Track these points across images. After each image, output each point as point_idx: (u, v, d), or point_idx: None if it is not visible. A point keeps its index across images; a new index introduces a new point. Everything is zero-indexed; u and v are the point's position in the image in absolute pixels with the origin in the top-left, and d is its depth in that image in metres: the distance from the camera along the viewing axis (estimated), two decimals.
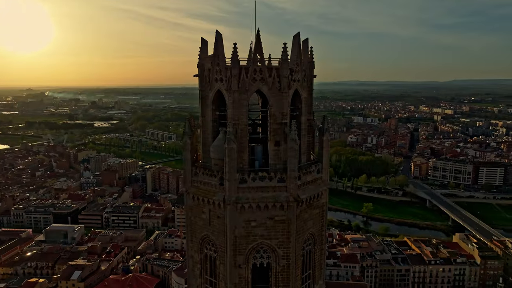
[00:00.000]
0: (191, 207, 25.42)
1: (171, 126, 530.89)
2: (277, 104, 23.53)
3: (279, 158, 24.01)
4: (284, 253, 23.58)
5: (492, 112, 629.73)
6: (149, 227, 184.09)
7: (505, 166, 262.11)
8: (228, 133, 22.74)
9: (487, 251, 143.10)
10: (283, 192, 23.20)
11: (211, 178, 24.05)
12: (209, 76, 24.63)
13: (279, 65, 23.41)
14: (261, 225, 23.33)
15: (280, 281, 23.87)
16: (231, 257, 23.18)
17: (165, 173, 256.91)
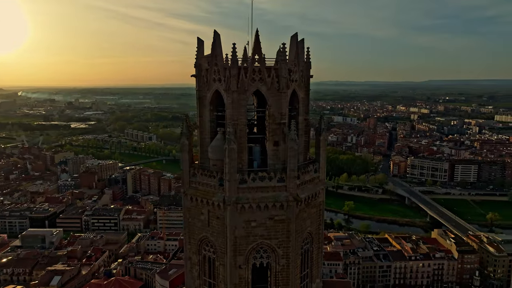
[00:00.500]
0: (189, 208, 25.17)
1: (151, 126, 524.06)
2: (276, 104, 23.61)
3: (278, 158, 24.09)
4: (284, 252, 23.68)
5: (466, 111, 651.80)
6: (130, 230, 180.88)
7: (478, 163, 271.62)
8: (228, 134, 22.65)
9: (464, 245, 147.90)
10: (282, 192, 23.30)
11: (210, 179, 23.89)
12: (207, 76, 24.45)
13: (277, 65, 23.50)
14: (261, 225, 23.35)
15: (280, 281, 23.96)
16: (231, 257, 23.10)
17: (146, 175, 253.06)
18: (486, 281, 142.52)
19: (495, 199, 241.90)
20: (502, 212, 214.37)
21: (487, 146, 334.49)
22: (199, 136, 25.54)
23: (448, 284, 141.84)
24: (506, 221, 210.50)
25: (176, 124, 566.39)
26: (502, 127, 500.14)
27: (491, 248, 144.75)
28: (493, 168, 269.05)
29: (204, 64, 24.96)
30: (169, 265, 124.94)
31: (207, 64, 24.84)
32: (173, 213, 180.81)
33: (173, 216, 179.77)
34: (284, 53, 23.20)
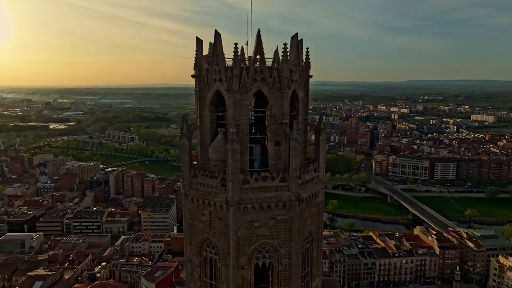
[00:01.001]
0: (189, 209, 24.91)
1: (133, 127, 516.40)
2: (277, 104, 23.66)
3: (279, 158, 24.14)
4: (286, 252, 23.75)
5: (444, 111, 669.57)
6: (114, 232, 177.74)
7: (457, 161, 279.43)
8: (231, 134, 22.54)
9: (445, 241, 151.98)
10: (285, 192, 23.36)
11: (212, 179, 23.72)
12: (207, 76, 24.26)
13: (279, 65, 23.55)
14: (264, 225, 23.35)
15: (282, 280, 24.03)
16: (234, 258, 23.00)
17: (129, 176, 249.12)
18: (466, 276, 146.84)
19: (473, 196, 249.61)
20: (480, 208, 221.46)
21: (464, 144, 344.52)
22: (199, 136, 25.32)
23: (430, 280, 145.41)
24: (483, 217, 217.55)
25: (158, 124, 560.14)
26: (478, 126, 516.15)
27: (470, 244, 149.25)
28: (470, 166, 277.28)
29: (204, 64, 24.77)
30: (154, 267, 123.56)
31: (207, 64, 24.67)
32: (158, 215, 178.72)
33: (158, 218, 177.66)
34: (285, 53, 23.27)
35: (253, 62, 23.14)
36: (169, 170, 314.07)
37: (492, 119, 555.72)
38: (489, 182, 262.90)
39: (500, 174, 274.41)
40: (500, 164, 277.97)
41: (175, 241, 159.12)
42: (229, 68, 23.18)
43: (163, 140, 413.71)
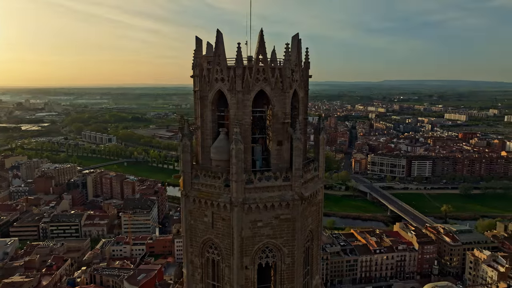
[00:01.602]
0: (190, 210, 24.61)
1: (110, 128, 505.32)
2: (279, 104, 23.72)
3: (281, 158, 24.22)
4: (289, 251, 23.85)
5: (419, 110, 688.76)
6: (93, 236, 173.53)
7: (433, 159, 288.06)
8: (235, 134, 22.41)
9: (423, 237, 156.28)
10: (288, 191, 23.45)
11: (215, 180, 23.52)
12: (209, 76, 24.03)
13: (279, 65, 23.61)
14: (267, 225, 23.35)
15: (285, 279, 24.11)
16: (238, 259, 22.90)
17: (108, 178, 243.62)
18: (443, 270, 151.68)
19: (448, 192, 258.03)
20: (454, 204, 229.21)
21: (439, 142, 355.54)
22: (200, 136, 25.05)
23: (410, 275, 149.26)
24: (458, 212, 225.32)
25: (137, 125, 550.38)
26: (452, 124, 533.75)
27: (447, 239, 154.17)
28: (445, 163, 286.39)
29: (204, 63, 24.54)
30: (137, 270, 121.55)
31: (207, 64, 24.46)
32: (139, 217, 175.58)
33: (139, 220, 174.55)
34: (287, 53, 23.37)
35: (255, 62, 23.13)
36: (149, 171, 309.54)
37: (464, 118, 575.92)
38: (462, 178, 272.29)
39: (473, 171, 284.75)
40: (472, 161, 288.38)
41: (157, 243, 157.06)
42: (232, 67, 23.08)
43: (142, 140, 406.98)
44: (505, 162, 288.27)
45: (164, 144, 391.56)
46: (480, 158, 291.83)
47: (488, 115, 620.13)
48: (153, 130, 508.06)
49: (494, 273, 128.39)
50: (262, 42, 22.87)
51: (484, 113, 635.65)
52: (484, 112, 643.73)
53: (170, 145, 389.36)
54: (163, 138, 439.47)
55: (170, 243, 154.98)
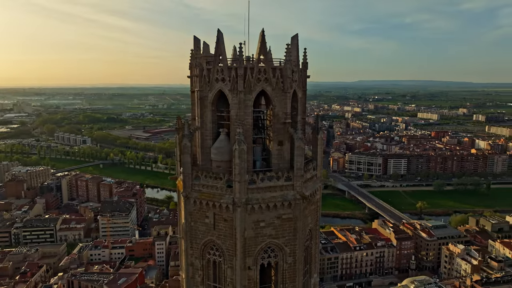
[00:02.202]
0: (191, 212, 24.29)
1: (84, 129, 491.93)
2: (280, 104, 23.78)
3: (282, 158, 24.29)
4: (291, 250, 23.96)
5: (393, 109, 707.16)
6: (69, 240, 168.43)
7: (407, 157, 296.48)
8: (238, 134, 22.28)
9: (401, 233, 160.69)
10: (290, 191, 23.56)
11: (216, 180, 23.32)
12: (209, 76, 23.80)
13: (281, 65, 23.69)
14: (270, 225, 23.37)
15: (287, 278, 24.21)
16: (241, 259, 22.81)
17: (84, 180, 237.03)
18: (420, 264, 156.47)
19: (422, 189, 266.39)
20: (429, 201, 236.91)
21: (413, 141, 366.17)
22: (199, 137, 24.76)
23: (388, 270, 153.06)
24: (432, 208, 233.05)
25: (112, 125, 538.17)
26: (424, 123, 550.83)
27: (423, 234, 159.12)
28: (419, 161, 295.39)
29: (203, 63, 24.29)
30: (117, 274, 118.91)
31: (206, 64, 24.23)
32: (118, 220, 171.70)
33: (118, 223, 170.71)
34: (288, 54, 23.47)
35: (257, 62, 23.12)
36: (126, 173, 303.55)
37: (436, 117, 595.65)
38: (436, 175, 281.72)
39: (445, 168, 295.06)
40: (445, 159, 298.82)
41: (137, 246, 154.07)
42: (233, 67, 22.98)
43: (118, 142, 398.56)
44: (474, 159, 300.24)
45: (141, 145, 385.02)
46: (451, 155, 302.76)
47: (458, 114, 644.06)
48: (130, 131, 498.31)
49: (467, 266, 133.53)
50: (263, 42, 22.90)
51: (454, 112, 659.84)
52: (454, 111, 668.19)
53: (147, 146, 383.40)
54: (140, 139, 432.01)
55: (150, 245, 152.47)
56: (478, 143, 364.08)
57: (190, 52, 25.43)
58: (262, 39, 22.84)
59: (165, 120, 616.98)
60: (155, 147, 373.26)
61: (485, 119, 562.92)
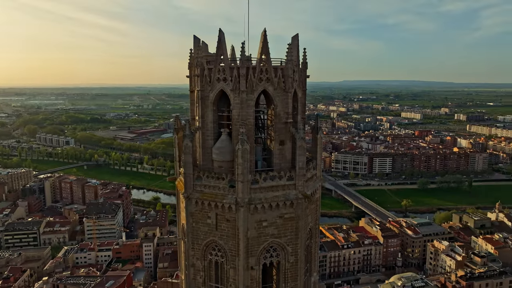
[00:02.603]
0: (192, 213, 24.07)
1: (67, 130, 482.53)
2: (282, 104, 23.83)
3: (283, 157, 24.35)
4: (293, 250, 24.03)
5: (377, 109, 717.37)
6: (54, 244, 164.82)
7: (392, 156, 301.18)
8: (241, 134, 22.20)
9: (387, 231, 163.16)
10: (292, 190, 23.62)
11: (218, 181, 23.19)
12: (210, 75, 23.65)
13: (283, 65, 23.75)
14: (272, 225, 23.39)
15: (289, 278, 24.28)
16: (244, 259, 22.75)
17: (68, 182, 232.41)
18: (406, 261, 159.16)
19: (407, 187, 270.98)
20: (413, 199, 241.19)
21: (397, 140, 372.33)
22: (200, 137, 24.57)
23: (375, 267, 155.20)
24: (417, 206, 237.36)
25: (95, 126, 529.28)
26: (408, 122, 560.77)
27: (409, 231, 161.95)
28: (404, 160, 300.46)
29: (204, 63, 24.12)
30: (105, 277, 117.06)
31: (207, 63, 24.07)
32: (104, 222, 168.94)
33: (104, 225, 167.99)
34: (290, 53, 23.54)
35: (258, 62, 23.11)
36: (111, 174, 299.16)
37: (419, 116, 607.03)
38: (420, 174, 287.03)
39: (429, 167, 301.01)
40: (428, 158, 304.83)
41: (124, 248, 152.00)
42: (235, 67, 22.90)
43: (102, 143, 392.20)
44: (457, 157, 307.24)
45: (127, 146, 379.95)
46: (435, 154, 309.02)
47: (440, 114, 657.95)
48: (114, 131, 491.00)
49: (452, 262, 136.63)
50: (265, 42, 22.90)
51: (436, 111, 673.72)
52: (437, 110, 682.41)
53: (132, 147, 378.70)
54: (125, 139, 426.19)
55: (138, 247, 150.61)
56: (460, 142, 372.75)
57: (190, 52, 25.27)
58: (264, 39, 22.84)
59: (150, 120, 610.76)
60: (141, 148, 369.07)
61: (466, 118, 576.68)
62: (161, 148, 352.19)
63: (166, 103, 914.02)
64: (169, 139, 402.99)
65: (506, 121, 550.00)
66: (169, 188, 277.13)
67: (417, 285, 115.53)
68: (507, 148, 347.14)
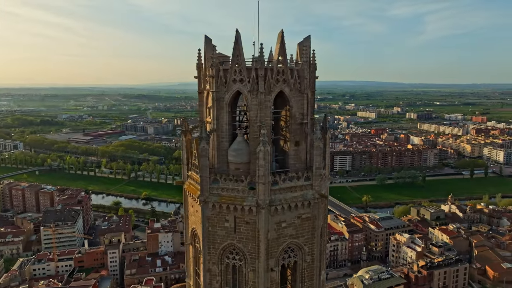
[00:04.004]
0: (208, 217, 23.43)
1: (15, 133, 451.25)
2: (297, 105, 23.91)
3: (298, 158, 24.43)
4: (309, 249, 24.18)
5: (334, 108, 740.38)
6: (6, 256, 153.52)
7: (352, 154, 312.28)
8: (262, 135, 21.94)
9: (352, 226, 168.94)
10: (309, 190, 23.77)
11: (237, 183, 22.76)
12: (226, 77, 23.15)
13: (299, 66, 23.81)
14: (290, 225, 23.39)
15: (305, 277, 24.40)
16: (264, 261, 22.55)
17: (19, 189, 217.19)
18: (370, 255, 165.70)
19: (366, 184, 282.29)
20: (373, 194, 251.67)
21: (355, 138, 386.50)
22: (215, 139, 23.97)
23: (342, 262, 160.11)
24: (376, 201, 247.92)
25: (46, 129, 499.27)
26: (364, 121, 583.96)
27: (372, 226, 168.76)
28: (362, 157, 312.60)
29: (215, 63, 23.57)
30: None
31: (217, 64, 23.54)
32: (63, 230, 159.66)
33: (64, 233, 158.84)
34: (306, 55, 23.68)
35: (276, 63, 23.02)
36: (67, 179, 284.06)
37: (374, 115, 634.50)
38: (378, 170, 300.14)
39: (386, 163, 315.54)
40: (385, 155, 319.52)
41: (87, 256, 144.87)
42: (253, 68, 22.63)
43: (55, 146, 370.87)
44: (411, 154, 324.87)
45: (82, 149, 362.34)
46: (391, 151, 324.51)
47: (393, 113, 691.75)
48: (67, 134, 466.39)
49: (413, 253, 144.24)
50: (282, 43, 22.87)
51: (389, 111, 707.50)
52: (390, 110, 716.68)
53: (88, 150, 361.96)
54: (80, 142, 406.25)
55: (102, 254, 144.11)
56: (413, 139, 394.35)
57: (198, 52, 24.65)
58: (282, 40, 22.84)
59: (106, 122, 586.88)
60: (98, 151, 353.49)
61: (416, 116, 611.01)
62: (120, 151, 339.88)
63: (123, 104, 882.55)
64: (128, 141, 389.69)
65: (452, 119, 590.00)
66: (129, 192, 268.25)
67: (384, 277, 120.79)
68: (454, 144, 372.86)
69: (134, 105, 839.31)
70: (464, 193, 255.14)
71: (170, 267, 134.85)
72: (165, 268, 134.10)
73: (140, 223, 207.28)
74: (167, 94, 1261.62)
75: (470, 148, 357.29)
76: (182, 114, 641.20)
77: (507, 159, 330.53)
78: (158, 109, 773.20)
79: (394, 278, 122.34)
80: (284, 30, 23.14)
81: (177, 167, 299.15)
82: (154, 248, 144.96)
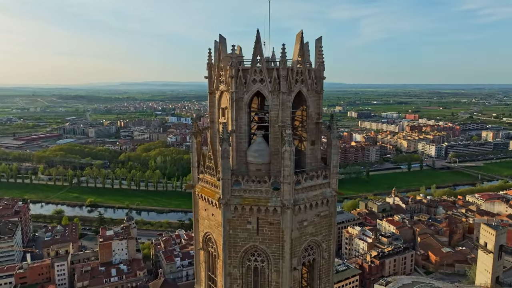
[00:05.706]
0: (229, 220, 22.75)
1: None
2: (313, 105, 24.12)
3: (314, 157, 24.66)
4: (327, 246, 24.56)
5: None
6: None
7: None
8: (287, 135, 21.78)
9: None
10: (327, 188, 24.12)
11: (260, 184, 22.37)
12: (245, 77, 22.62)
13: (314, 67, 24.02)
14: (311, 223, 23.54)
15: (323, 273, 24.74)
16: (288, 261, 22.47)
17: None
18: None
19: None
20: None
21: None
22: (234, 140, 23.32)
23: None
24: None
25: None
26: None
27: None
28: None
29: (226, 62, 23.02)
30: None
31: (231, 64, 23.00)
32: (0, 244, 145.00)
33: (2, 248, 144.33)
34: (321, 56, 23.97)
35: (295, 64, 23.05)
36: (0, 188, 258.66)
37: None
38: None
39: None
40: None
41: (30, 271, 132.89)
42: (275, 68, 22.43)
43: None
44: (355, 150, 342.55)
45: (14, 155, 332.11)
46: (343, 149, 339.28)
47: (335, 111, 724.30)
48: None
49: (364, 244, 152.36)
50: (302, 44, 22.97)
51: (332, 109, 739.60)
52: (332, 109, 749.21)
53: (22, 156, 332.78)
54: (11, 147, 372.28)
55: (48, 268, 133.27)
56: (355, 137, 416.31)
57: (208, 52, 23.93)
58: (301, 41, 22.95)
59: (40, 125, 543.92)
60: (33, 156, 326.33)
61: (357, 115, 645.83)
62: (59, 156, 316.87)
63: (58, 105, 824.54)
64: (67, 145, 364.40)
65: (388, 117, 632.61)
66: (72, 200, 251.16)
67: (341, 269, 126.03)
68: (392, 140, 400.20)
69: (71, 107, 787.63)
70: (403, 185, 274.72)
71: (126, 275, 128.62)
72: (120, 277, 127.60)
73: (87, 232, 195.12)
74: (107, 95, 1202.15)
75: (406, 144, 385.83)
76: (125, 116, 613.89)
77: (438, 153, 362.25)
78: (98, 110, 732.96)
79: (350, 269, 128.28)
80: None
81: (123, 171, 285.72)
82: (107, 257, 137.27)
